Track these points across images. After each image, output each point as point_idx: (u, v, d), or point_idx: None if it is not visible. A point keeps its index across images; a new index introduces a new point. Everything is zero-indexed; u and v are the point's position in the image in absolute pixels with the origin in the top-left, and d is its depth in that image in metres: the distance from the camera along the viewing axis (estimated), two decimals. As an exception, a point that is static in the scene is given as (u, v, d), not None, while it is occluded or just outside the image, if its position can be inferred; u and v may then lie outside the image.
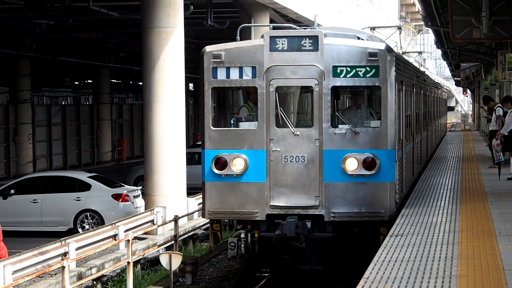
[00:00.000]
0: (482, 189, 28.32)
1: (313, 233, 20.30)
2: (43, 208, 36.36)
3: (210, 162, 20.99)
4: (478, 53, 57.28)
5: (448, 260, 15.80)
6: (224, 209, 21.30)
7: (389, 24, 73.92)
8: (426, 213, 22.36)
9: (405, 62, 27.62)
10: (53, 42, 61.27)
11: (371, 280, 13.61)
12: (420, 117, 35.91)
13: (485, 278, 14.25)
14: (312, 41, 20.36)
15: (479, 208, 23.19)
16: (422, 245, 17.60)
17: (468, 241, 17.86)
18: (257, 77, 20.74)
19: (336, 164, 20.42)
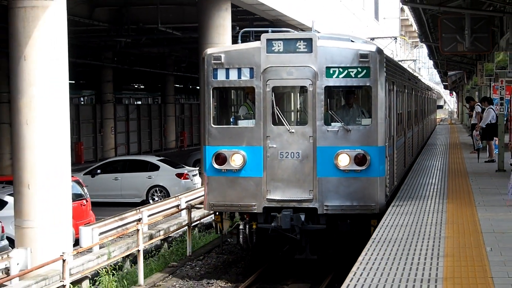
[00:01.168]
0: (464, 170, 28.18)
1: (307, 225, 18.31)
2: (123, 184, 37.24)
3: (211, 158, 18.98)
4: (462, 63, 56.90)
5: (438, 225, 15.77)
6: (224, 202, 19.22)
7: (385, 35, 72.60)
8: (420, 188, 22.25)
9: (396, 64, 25.34)
10: (130, 56, 61.53)
11: (368, 258, 12.87)
12: (412, 114, 32.50)
13: (467, 239, 14.24)
14: (307, 43, 18.36)
15: (462, 185, 23.09)
16: (414, 213, 17.86)
17: (453, 210, 17.86)
18: (254, 78, 18.71)
19: (329, 160, 18.39)
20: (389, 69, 20.10)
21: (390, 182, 19.88)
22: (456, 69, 67.86)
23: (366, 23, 76.13)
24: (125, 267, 22.10)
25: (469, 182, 23.66)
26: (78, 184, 27.22)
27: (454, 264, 12.16)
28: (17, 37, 19.00)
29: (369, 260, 12.73)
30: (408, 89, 29.39)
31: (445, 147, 41.72)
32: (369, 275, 11.62)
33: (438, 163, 31.23)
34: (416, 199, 20.00)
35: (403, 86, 26.17)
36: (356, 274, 11.71)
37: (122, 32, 45.02)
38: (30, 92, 18.93)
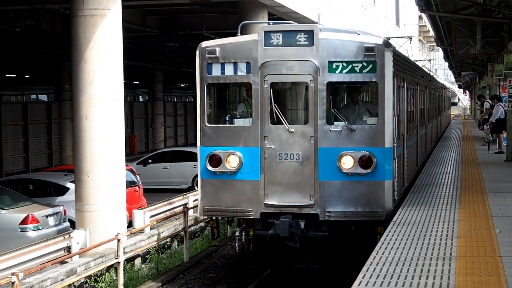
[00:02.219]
0: (476, 160, 28.02)
1: (308, 232, 15.13)
2: (171, 172, 36.99)
3: (205, 159, 15.74)
4: (474, 64, 56.55)
5: (452, 210, 15.67)
6: (219, 207, 15.85)
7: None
8: (435, 176, 22.10)
9: (407, 60, 21.16)
10: (178, 58, 61.57)
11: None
12: (426, 111, 28.53)
13: (478, 222, 14.14)
14: (307, 36, 14.98)
15: (474, 173, 22.94)
16: (430, 199, 17.39)
17: (466, 196, 17.71)
18: (251, 73, 15.40)
19: (331, 162, 15.05)
20: (399, 64, 16.69)
21: (399, 185, 16.59)
22: (468, 70, 67.53)
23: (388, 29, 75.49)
24: (173, 246, 22.20)
25: (481, 171, 23.51)
26: (132, 172, 27.35)
27: (467, 244, 12.10)
28: (78, 42, 19.20)
29: (390, 240, 12.28)
30: (421, 87, 25.91)
31: (459, 140, 41.47)
32: (390, 252, 11.53)
33: (452, 154, 31.07)
34: (432, 186, 19.79)
35: (415, 83, 22.81)
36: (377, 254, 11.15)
37: (171, 38, 45.26)
38: (90, 91, 19.15)
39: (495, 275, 10.11)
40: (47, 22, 32.94)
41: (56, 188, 24.43)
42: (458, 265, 10.67)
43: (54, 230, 20.53)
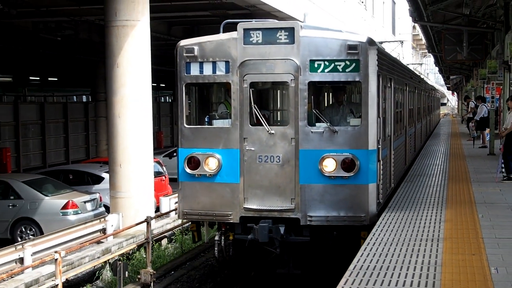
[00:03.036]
0: (462, 153, 27.96)
1: (289, 237, 13.09)
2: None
3: (183, 162, 13.59)
4: (461, 69, 56.39)
5: (441, 197, 15.66)
6: (198, 210, 13.64)
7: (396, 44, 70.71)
8: (426, 168, 22.07)
9: (394, 60, 18.40)
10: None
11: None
12: (415, 111, 26.09)
13: (463, 208, 14.17)
14: (288, 33, 12.86)
15: (460, 165, 22.91)
16: (420, 189, 17.38)
17: (453, 185, 17.70)
18: (230, 72, 13.23)
19: (313, 165, 12.90)
20: (384, 63, 14.40)
21: (384, 187, 14.37)
22: (456, 73, 67.40)
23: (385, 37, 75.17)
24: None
25: (466, 164, 23.47)
26: (159, 164, 27.36)
27: (452, 227, 12.15)
28: (111, 49, 19.29)
29: (382, 222, 12.14)
30: (411, 88, 23.48)
31: (447, 136, 41.38)
32: (382, 240, 11.56)
33: (441, 148, 31.00)
34: (422, 176, 19.75)
35: (404, 84, 20.22)
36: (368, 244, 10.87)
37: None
38: (122, 92, 19.27)
39: (477, 254, 10.17)
40: (84, 32, 33.04)
41: (93, 178, 24.61)
42: (445, 245, 10.72)
43: (91, 214, 20.76)
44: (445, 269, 9.29)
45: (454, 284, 8.59)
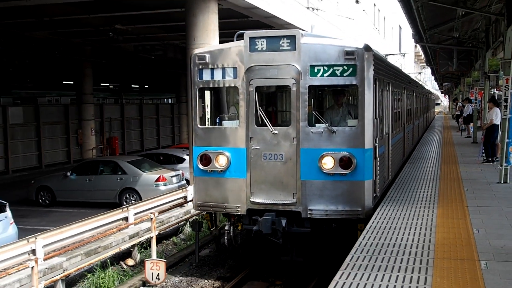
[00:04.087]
0: (452, 142, 27.65)
1: (292, 228, 11.54)
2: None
3: (196, 159, 11.99)
4: (452, 78, 55.52)
5: (435, 174, 15.53)
6: (210, 202, 12.04)
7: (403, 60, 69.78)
8: (424, 154, 21.87)
9: (392, 67, 16.02)
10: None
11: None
12: (413, 111, 23.54)
13: (453, 183, 14.03)
14: (290, 41, 11.31)
15: (451, 151, 22.67)
16: (417, 173, 17.24)
17: (445, 167, 17.52)
18: (238, 77, 11.66)
19: (313, 163, 11.26)
20: (381, 68, 12.41)
21: (381, 181, 12.44)
22: (448, 81, 66.32)
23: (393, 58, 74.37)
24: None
25: (455, 150, 23.21)
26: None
27: (444, 198, 12.06)
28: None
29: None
30: (409, 91, 20.99)
31: (441, 128, 40.89)
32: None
33: (436, 137, 30.67)
34: (421, 159, 19.56)
35: (402, 88, 18.01)
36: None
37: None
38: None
39: (463, 218, 10.10)
40: (171, 52, 33.24)
41: (177, 159, 24.77)
42: (439, 212, 10.65)
43: (176, 186, 20.96)
44: (438, 229, 9.26)
45: (445, 241, 8.56)
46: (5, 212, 14.06)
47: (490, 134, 18.45)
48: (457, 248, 8.15)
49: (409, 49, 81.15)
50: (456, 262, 7.50)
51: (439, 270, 7.18)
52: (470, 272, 7.10)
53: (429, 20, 22.36)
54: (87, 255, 12.52)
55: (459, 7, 18.37)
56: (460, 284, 6.70)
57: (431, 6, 18.10)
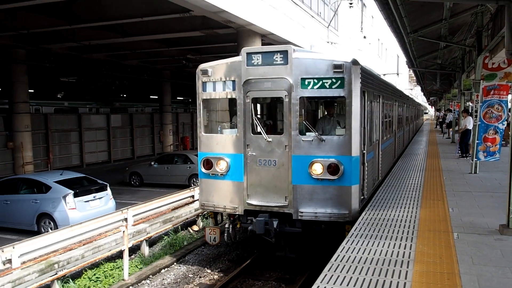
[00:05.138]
0: (436, 142, 27.05)
1: (284, 227, 9.69)
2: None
3: (201, 163, 10.21)
4: (436, 93, 54.29)
5: (422, 166, 15.22)
6: (212, 202, 10.22)
7: (402, 83, 68.71)
8: (414, 151, 21.46)
9: (383, 81, 13.72)
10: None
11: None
12: (403, 119, 20.90)
13: (434, 173, 13.73)
14: (283, 56, 9.59)
15: (434, 149, 22.19)
16: (407, 165, 16.90)
17: (429, 161, 17.15)
18: (236, 90, 9.86)
19: (303, 168, 9.43)
20: (369, 82, 10.42)
21: (369, 184, 10.37)
22: (433, 96, 64.85)
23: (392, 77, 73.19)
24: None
25: (438, 148, 22.71)
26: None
27: (428, 184, 11.81)
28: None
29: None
30: (400, 103, 18.55)
31: (428, 132, 40.02)
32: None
33: (424, 138, 30.05)
34: (411, 155, 19.23)
35: (393, 100, 15.79)
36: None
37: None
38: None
39: (441, 200, 9.88)
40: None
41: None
42: (423, 195, 10.44)
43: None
44: (422, 210, 9.07)
45: (427, 217, 8.39)
46: (107, 190, 14.37)
47: (464, 136, 18.19)
48: (435, 223, 7.98)
49: (404, 72, 79.71)
50: (434, 233, 7.35)
51: (421, 239, 7.04)
52: (445, 241, 6.95)
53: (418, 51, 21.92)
54: (164, 223, 12.68)
55: (441, 41, 17.99)
56: (437, 249, 6.56)
57: (420, 41, 17.76)
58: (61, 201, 12.99)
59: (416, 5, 12.45)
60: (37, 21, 18.29)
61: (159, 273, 10.47)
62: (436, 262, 6.06)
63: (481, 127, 13.23)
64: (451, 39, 18.68)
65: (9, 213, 13.68)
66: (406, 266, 5.92)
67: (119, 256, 10.86)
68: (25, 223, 13.38)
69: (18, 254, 8.97)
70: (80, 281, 9.72)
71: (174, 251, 11.77)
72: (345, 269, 5.85)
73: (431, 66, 29.20)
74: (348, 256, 6.37)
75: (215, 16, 16.22)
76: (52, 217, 12.98)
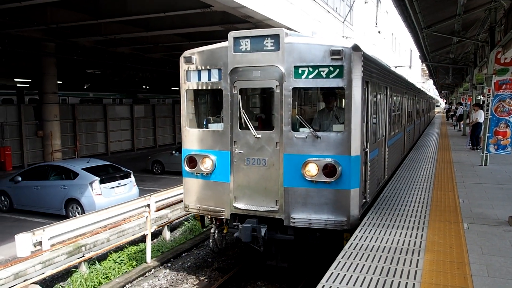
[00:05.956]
0: (447, 134, 26.70)
1: (275, 234, 8.00)
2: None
3: (184, 161, 8.53)
4: (448, 87, 53.49)
5: (434, 157, 15.05)
6: (197, 204, 8.56)
7: (415, 75, 67.72)
8: (425, 143, 21.22)
9: (390, 71, 11.50)
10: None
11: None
12: (414, 113, 19.14)
13: (445, 165, 13.56)
14: (274, 41, 7.65)
15: (445, 142, 21.92)
16: (418, 158, 16.71)
17: (440, 153, 16.95)
18: (222, 79, 8.12)
19: (296, 169, 7.63)
20: (373, 71, 8.63)
21: (372, 186, 8.74)
22: (445, 89, 63.93)
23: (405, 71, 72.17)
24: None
25: (449, 140, 22.41)
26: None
27: (439, 175, 11.69)
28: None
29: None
30: (410, 95, 16.84)
31: (439, 124, 39.52)
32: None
33: (435, 131, 29.69)
34: (422, 147, 19.01)
35: (403, 92, 13.99)
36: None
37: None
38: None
39: (452, 191, 9.77)
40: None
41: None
42: (434, 185, 10.34)
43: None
44: (433, 199, 8.99)
45: (438, 207, 8.32)
46: (130, 178, 14.52)
47: (475, 129, 17.96)
48: (446, 213, 7.91)
49: (417, 65, 78.59)
50: (445, 224, 7.29)
51: (432, 229, 6.99)
52: (455, 231, 6.90)
53: (432, 45, 21.58)
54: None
55: (454, 36, 17.68)
56: (447, 239, 6.51)
57: (433, 36, 17.47)
58: (88, 187, 13.17)
59: (430, 1, 12.25)
60: (66, 16, 18.47)
61: (179, 256, 10.57)
62: (447, 251, 6.02)
63: (493, 121, 13.03)
64: (464, 34, 18.36)
65: (39, 198, 13.92)
66: (417, 254, 5.90)
67: (142, 240, 11.00)
68: (54, 208, 13.61)
69: (48, 237, 9.14)
70: (106, 263, 9.89)
71: (193, 236, 11.86)
72: (358, 257, 5.84)
73: (444, 61, 28.77)
74: (361, 244, 6.34)
75: (234, 11, 16.16)
76: (79, 202, 13.19)
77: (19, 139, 23.66)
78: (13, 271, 8.11)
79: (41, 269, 8.52)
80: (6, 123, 23.23)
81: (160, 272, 9.68)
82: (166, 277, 9.40)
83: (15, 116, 23.58)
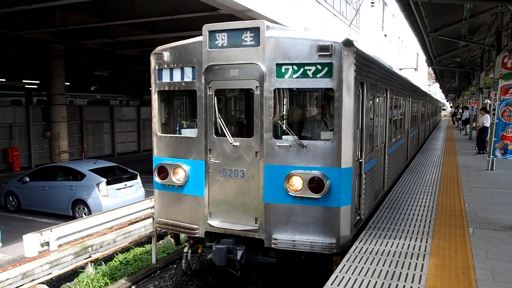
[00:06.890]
0: (453, 138, 26.61)
1: (255, 256, 6.61)
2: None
3: (154, 171, 7.18)
4: (454, 91, 53.31)
5: (439, 161, 15.02)
6: (169, 220, 7.19)
7: (421, 81, 67.53)
8: (432, 146, 21.16)
9: (389, 71, 9.66)
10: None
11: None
12: (419, 116, 17.80)
13: (451, 169, 13.52)
14: (253, 35, 6.21)
15: (451, 145, 21.84)
16: (423, 162, 16.68)
17: (446, 157, 16.90)
18: (196, 79, 6.71)
19: (278, 182, 6.22)
20: (370, 70, 7.23)
21: (369, 201, 7.57)
22: (452, 93, 63.69)
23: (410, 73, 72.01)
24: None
25: (455, 144, 22.33)
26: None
27: (445, 180, 11.65)
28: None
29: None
30: (415, 99, 15.65)
31: (445, 128, 39.36)
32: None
33: (441, 134, 29.59)
34: (429, 151, 18.96)
35: (406, 95, 12.81)
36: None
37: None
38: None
39: (457, 196, 9.73)
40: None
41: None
42: (440, 190, 10.32)
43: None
44: (438, 204, 8.97)
45: (443, 211, 8.30)
46: (137, 179, 14.58)
47: (482, 133, 17.89)
48: (451, 218, 7.89)
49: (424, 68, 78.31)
50: (450, 228, 7.27)
51: (437, 233, 6.98)
52: (460, 236, 6.88)
53: (438, 49, 21.54)
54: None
55: (461, 40, 17.65)
56: (452, 244, 6.50)
57: (440, 40, 17.45)
58: (95, 188, 13.24)
59: (436, 5, 12.24)
60: (74, 19, 18.61)
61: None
62: (452, 256, 6.01)
63: (499, 125, 12.95)
64: (471, 38, 18.32)
65: (46, 199, 14.01)
66: (422, 259, 5.89)
67: (148, 241, 11.04)
68: (61, 208, 13.69)
69: (55, 237, 9.21)
70: (112, 264, 9.93)
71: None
72: (363, 260, 5.84)
73: (450, 64, 28.70)
74: (365, 248, 6.32)
75: (241, 14, 16.22)
76: (86, 203, 13.26)
77: (27, 140, 23.83)
78: (21, 271, 8.18)
79: (48, 269, 8.58)
80: (14, 124, 23.40)
81: (165, 273, 9.72)
82: (171, 278, 9.43)
83: (24, 117, 23.76)
